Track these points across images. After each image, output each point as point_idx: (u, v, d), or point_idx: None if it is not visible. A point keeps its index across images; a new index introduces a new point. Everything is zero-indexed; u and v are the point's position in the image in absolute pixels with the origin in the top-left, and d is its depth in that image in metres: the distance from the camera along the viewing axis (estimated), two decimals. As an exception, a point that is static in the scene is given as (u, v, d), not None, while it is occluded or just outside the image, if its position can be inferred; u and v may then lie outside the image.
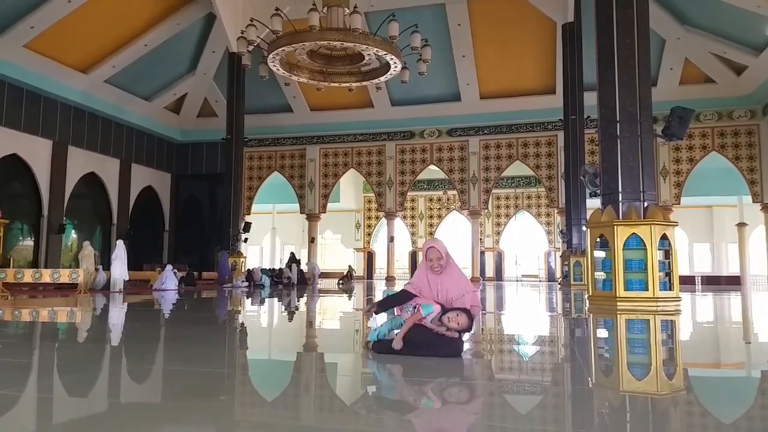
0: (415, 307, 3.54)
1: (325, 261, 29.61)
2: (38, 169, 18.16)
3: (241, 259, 19.93)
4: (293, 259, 21.30)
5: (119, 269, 14.16)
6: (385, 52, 14.33)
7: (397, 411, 2.44)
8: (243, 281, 18.39)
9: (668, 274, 8.03)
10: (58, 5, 16.25)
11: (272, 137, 24.39)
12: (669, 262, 8.03)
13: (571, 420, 2.31)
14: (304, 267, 21.87)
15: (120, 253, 14.35)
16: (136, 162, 22.45)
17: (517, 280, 28.93)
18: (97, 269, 14.90)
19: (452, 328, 3.41)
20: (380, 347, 3.55)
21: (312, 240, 24.09)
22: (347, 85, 16.58)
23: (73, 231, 19.96)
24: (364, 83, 16.77)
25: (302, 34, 13.92)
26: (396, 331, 3.58)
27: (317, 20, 13.29)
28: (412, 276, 3.96)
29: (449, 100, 22.49)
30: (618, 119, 8.25)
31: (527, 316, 7.86)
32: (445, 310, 3.46)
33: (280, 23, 13.48)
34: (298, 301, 11.18)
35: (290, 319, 7.78)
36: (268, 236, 29.70)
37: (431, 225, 30.72)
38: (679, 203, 20.43)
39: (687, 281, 20.69)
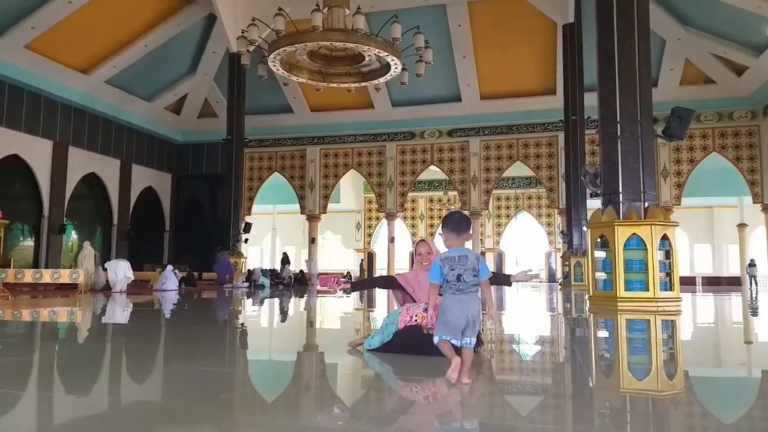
0: (426, 308, 3.53)
1: (325, 261, 29.61)
2: (39, 169, 18.17)
3: (242, 260, 19.93)
4: (286, 260, 21.23)
5: (121, 271, 14.14)
6: (386, 53, 14.33)
7: (395, 412, 2.43)
8: (243, 282, 18.40)
9: (669, 275, 8.03)
10: (59, 6, 16.27)
11: (272, 138, 24.40)
12: (669, 263, 8.03)
13: (572, 420, 2.30)
14: (303, 267, 21.88)
15: (114, 262, 14.51)
16: (136, 162, 22.46)
17: (517, 281, 28.88)
18: (97, 269, 14.90)
19: None
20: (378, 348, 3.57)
21: (312, 240, 24.09)
22: (346, 85, 16.58)
23: (73, 231, 19.97)
24: (363, 84, 16.78)
25: (304, 35, 13.93)
26: (386, 337, 3.57)
27: (320, 20, 13.29)
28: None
29: (450, 100, 22.49)
30: (618, 120, 8.25)
31: (528, 317, 7.85)
32: None
33: (282, 23, 13.49)
34: (296, 301, 11.18)
35: (287, 319, 7.78)
36: (268, 237, 29.71)
37: (432, 225, 30.71)
38: (679, 204, 20.42)
39: (687, 282, 20.68)
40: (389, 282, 3.80)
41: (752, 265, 22.95)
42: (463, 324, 2.62)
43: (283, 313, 8.66)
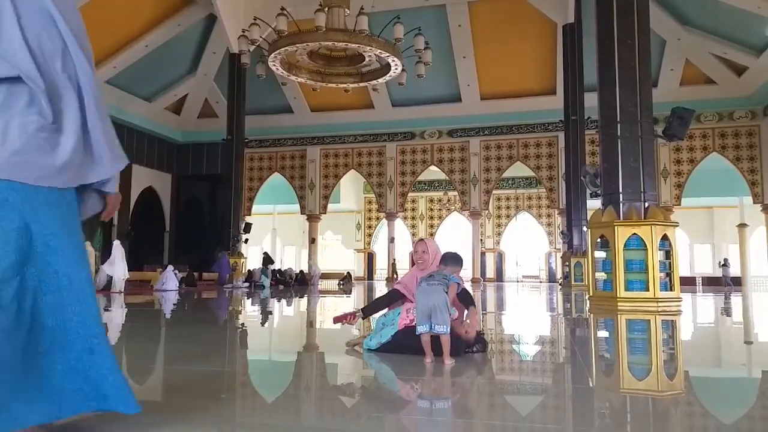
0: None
1: (325, 262, 29.61)
2: (39, 169, 18.14)
3: (242, 260, 19.93)
4: (268, 260, 21.00)
5: (120, 270, 14.14)
6: (387, 54, 14.35)
7: (395, 411, 2.44)
8: (243, 282, 18.39)
9: (669, 275, 8.02)
10: (59, 6, 16.26)
11: (273, 138, 24.42)
12: (670, 263, 8.03)
13: (572, 420, 2.30)
14: (303, 267, 21.81)
15: (118, 253, 14.34)
16: (136, 163, 22.47)
17: (517, 281, 28.93)
18: (97, 270, 14.89)
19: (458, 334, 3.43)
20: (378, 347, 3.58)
21: (312, 241, 24.11)
22: (344, 85, 16.61)
23: (73, 232, 19.92)
24: (361, 84, 16.81)
25: (306, 35, 13.96)
26: (383, 339, 3.59)
27: (323, 21, 13.31)
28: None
29: (450, 100, 22.50)
30: (618, 120, 8.25)
31: (528, 317, 7.86)
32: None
33: (285, 23, 13.52)
34: (294, 301, 11.18)
35: (286, 319, 7.77)
36: (268, 237, 29.72)
37: (432, 226, 30.73)
38: (679, 204, 20.43)
39: (687, 282, 20.68)
40: (394, 295, 3.80)
41: (725, 265, 22.95)
42: (429, 308, 3.18)
43: (280, 313, 8.66)
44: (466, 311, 3.54)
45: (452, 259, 3.56)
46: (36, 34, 1.62)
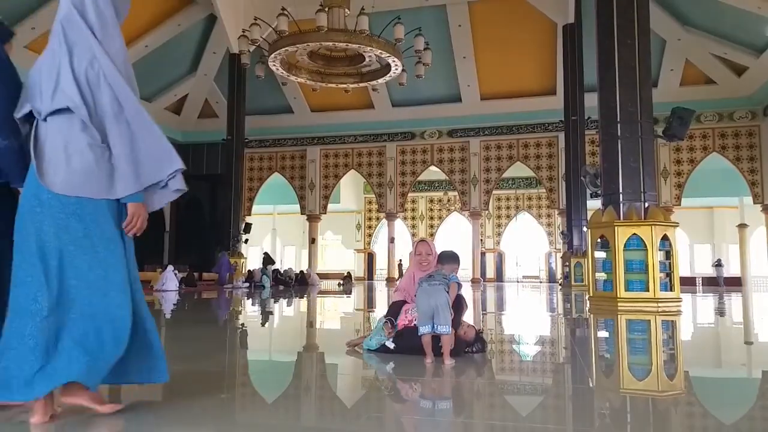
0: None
1: (325, 262, 29.62)
2: (39, 169, 18.13)
3: (242, 260, 19.93)
4: (269, 260, 20.95)
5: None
6: (387, 54, 14.36)
7: (395, 411, 2.43)
8: (243, 282, 18.39)
9: (669, 275, 8.02)
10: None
11: (273, 138, 24.41)
12: (670, 263, 8.02)
13: (572, 420, 2.30)
14: (303, 269, 21.77)
15: None
16: (136, 163, 22.44)
17: (517, 281, 28.91)
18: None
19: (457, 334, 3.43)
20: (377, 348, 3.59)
21: (312, 241, 24.10)
22: (344, 86, 16.61)
23: (73, 232, 19.90)
24: (361, 84, 16.82)
25: (307, 35, 13.96)
26: (386, 341, 3.59)
27: (325, 21, 13.32)
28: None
29: (450, 101, 22.49)
30: (618, 120, 8.24)
31: (528, 317, 7.86)
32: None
33: (285, 23, 13.53)
34: (297, 301, 11.18)
35: (287, 320, 7.77)
36: (268, 237, 29.71)
37: (432, 226, 30.73)
38: (679, 204, 20.42)
39: (688, 282, 20.67)
40: (399, 304, 3.79)
41: (719, 264, 22.83)
42: (431, 308, 3.17)
43: (280, 313, 8.66)
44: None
45: (449, 258, 3.54)
46: (84, 68, 2.01)
